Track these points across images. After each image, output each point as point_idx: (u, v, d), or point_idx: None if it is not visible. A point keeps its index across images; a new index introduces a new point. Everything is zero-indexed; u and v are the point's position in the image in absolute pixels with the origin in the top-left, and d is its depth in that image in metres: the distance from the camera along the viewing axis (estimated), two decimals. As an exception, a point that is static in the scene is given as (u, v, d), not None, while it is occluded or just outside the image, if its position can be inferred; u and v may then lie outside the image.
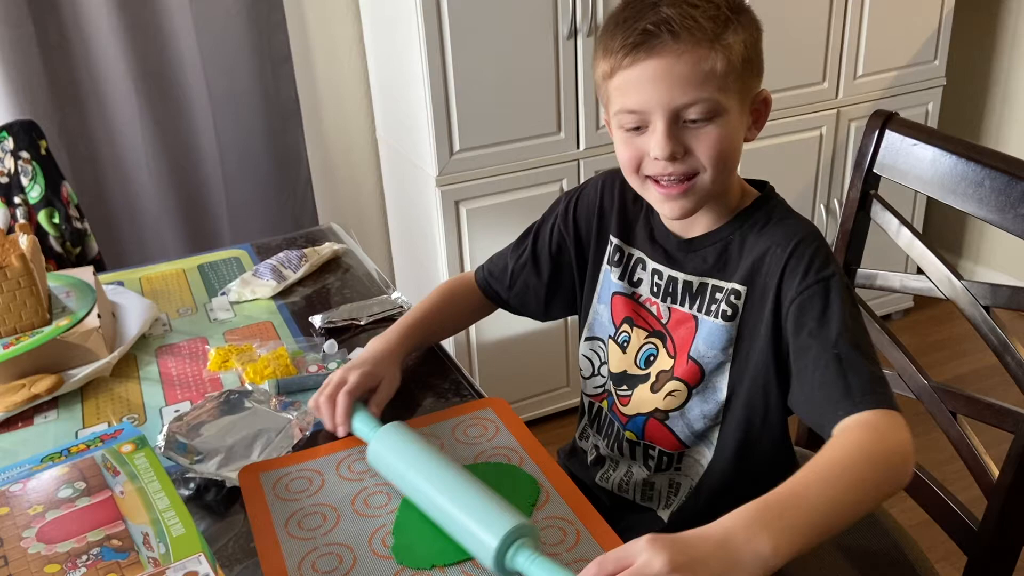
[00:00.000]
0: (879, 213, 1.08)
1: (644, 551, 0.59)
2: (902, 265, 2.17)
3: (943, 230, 2.64)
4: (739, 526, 0.62)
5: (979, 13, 2.38)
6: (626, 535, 0.71)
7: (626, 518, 0.94)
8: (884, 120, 1.05)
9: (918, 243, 1.03)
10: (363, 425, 0.86)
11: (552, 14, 1.73)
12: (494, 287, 1.05)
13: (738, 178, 0.88)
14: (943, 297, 0.99)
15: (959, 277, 0.97)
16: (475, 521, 0.70)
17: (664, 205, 0.83)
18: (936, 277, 1.00)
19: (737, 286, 0.84)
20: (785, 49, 1.99)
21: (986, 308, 0.94)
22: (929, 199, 2.31)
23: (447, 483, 0.74)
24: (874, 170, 1.07)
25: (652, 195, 0.84)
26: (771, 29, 1.90)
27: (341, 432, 0.88)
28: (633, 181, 0.85)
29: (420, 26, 1.65)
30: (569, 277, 1.00)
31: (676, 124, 0.78)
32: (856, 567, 1.04)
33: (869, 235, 1.12)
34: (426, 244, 1.93)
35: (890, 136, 1.05)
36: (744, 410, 0.86)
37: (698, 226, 0.87)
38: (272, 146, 2.03)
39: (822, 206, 2.19)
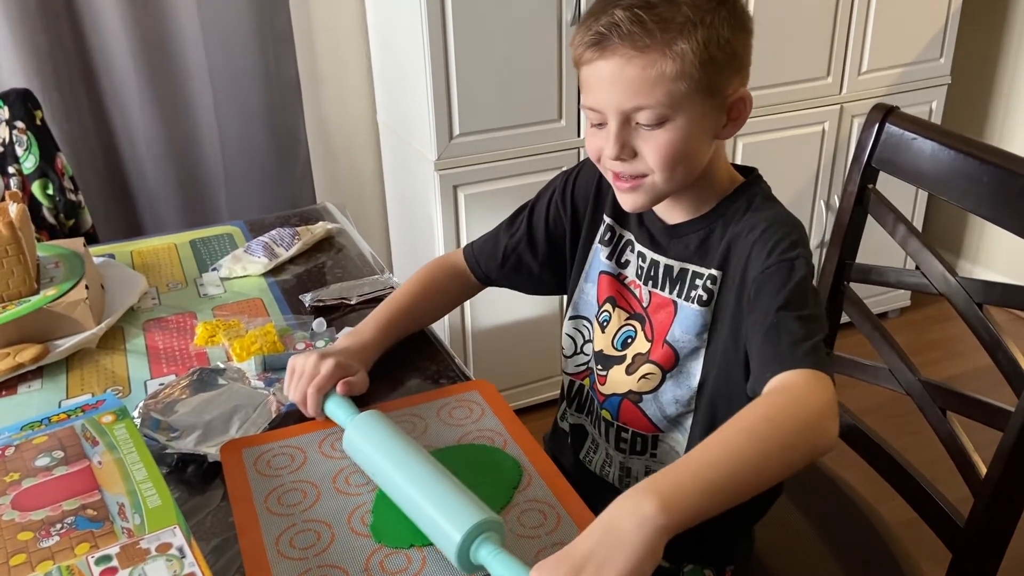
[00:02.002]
0: (876, 208, 1.07)
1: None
2: (899, 263, 2.16)
3: (943, 230, 2.63)
4: (622, 500, 0.61)
5: (986, 12, 2.36)
6: None
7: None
8: (884, 114, 1.04)
9: (914, 239, 1.02)
10: (339, 410, 0.85)
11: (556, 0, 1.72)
12: (484, 266, 1.04)
13: (726, 165, 0.88)
14: (937, 293, 0.98)
15: (954, 273, 0.96)
16: (441, 514, 0.68)
17: (619, 196, 0.86)
18: (931, 273, 0.99)
19: (714, 272, 0.85)
20: (790, 43, 1.97)
21: (979, 305, 0.93)
22: (930, 199, 2.30)
23: (418, 475, 0.73)
24: (872, 164, 1.06)
25: (612, 184, 0.86)
26: (776, 23, 1.92)
27: (313, 413, 0.87)
28: (600, 169, 0.87)
29: (423, 8, 1.64)
30: (562, 255, 1.00)
31: (628, 125, 0.80)
32: (841, 563, 1.04)
33: (867, 232, 1.11)
34: (424, 228, 1.92)
35: (890, 130, 1.04)
36: (714, 397, 0.86)
37: (682, 212, 0.87)
38: (271, 125, 2.02)
39: (822, 202, 2.18)
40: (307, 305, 1.12)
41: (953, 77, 2.21)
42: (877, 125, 1.04)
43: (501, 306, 1.94)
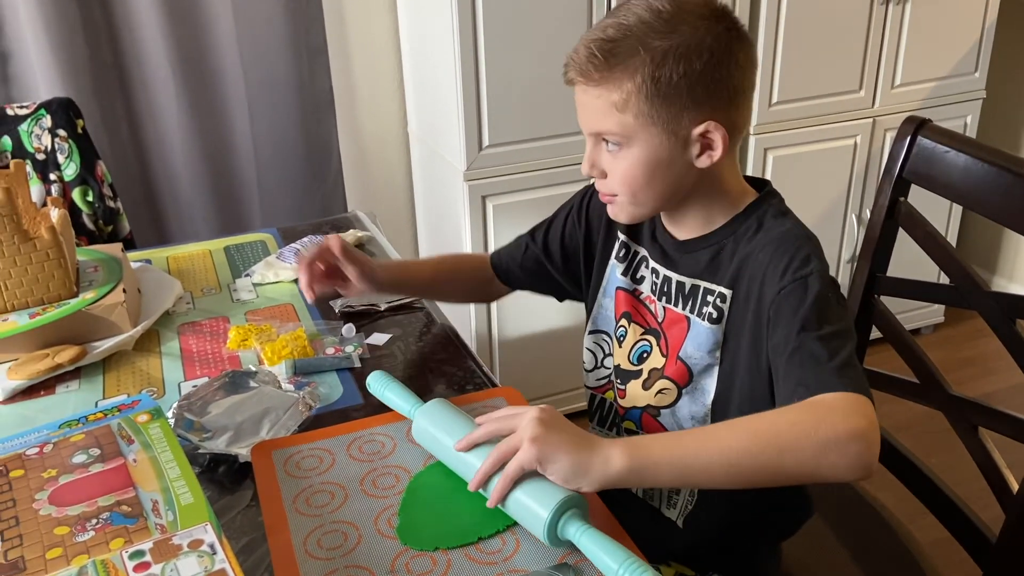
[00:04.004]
0: (908, 221, 1.07)
1: (527, 412, 0.71)
2: (932, 278, 2.13)
3: (977, 246, 2.59)
4: (604, 445, 0.70)
5: (1022, 26, 2.33)
6: (638, 538, 0.72)
7: (641, 523, 0.94)
8: (917, 126, 1.04)
9: (947, 252, 1.01)
10: (402, 400, 0.86)
11: (586, 12, 1.73)
12: (508, 270, 1.08)
13: (737, 180, 0.88)
14: (971, 308, 0.97)
15: (986, 287, 0.95)
16: (525, 493, 0.71)
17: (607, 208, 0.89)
18: (964, 287, 0.98)
19: (724, 289, 0.85)
20: (822, 56, 1.96)
21: (1014, 321, 0.91)
22: (964, 214, 2.27)
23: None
24: (904, 176, 1.05)
25: None
26: (808, 36, 1.91)
27: (308, 294, 0.98)
28: None
29: (455, 21, 1.66)
30: (576, 266, 1.02)
31: (599, 147, 0.84)
32: (869, 579, 1.03)
33: (899, 246, 1.10)
34: (452, 237, 1.94)
35: (922, 143, 1.03)
36: (733, 415, 0.85)
37: (693, 228, 0.88)
38: (305, 136, 2.05)
39: (854, 216, 2.16)
40: (337, 311, 1.13)
41: (988, 91, 2.18)
42: (909, 138, 1.04)
43: (528, 317, 1.94)
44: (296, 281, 1.22)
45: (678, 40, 0.77)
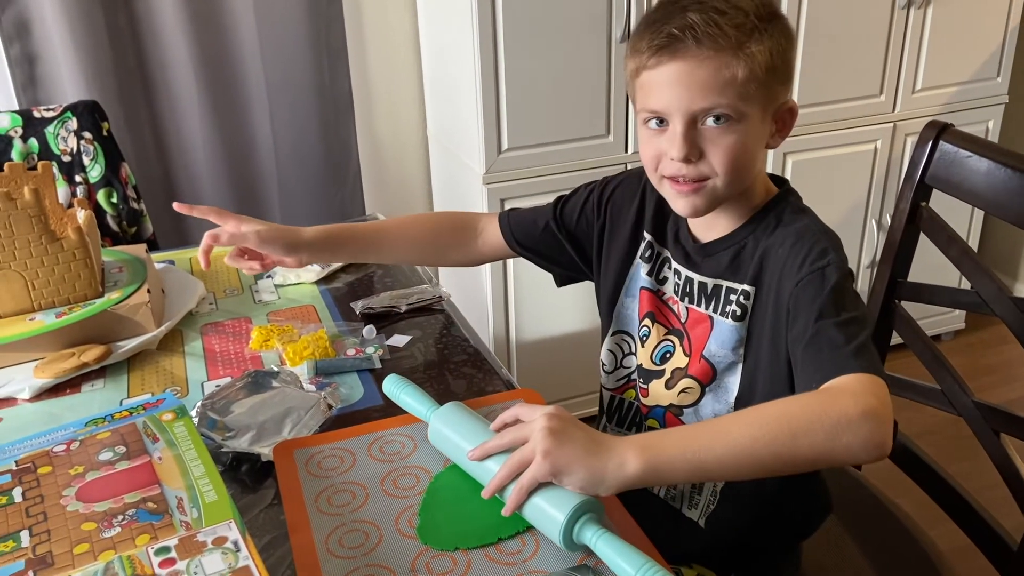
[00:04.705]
0: (929, 226, 1.06)
1: (537, 421, 0.70)
2: (952, 284, 2.12)
3: (999, 251, 2.57)
4: (619, 445, 0.69)
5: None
6: (658, 539, 0.72)
7: (662, 524, 0.94)
8: (938, 131, 1.03)
9: (969, 258, 1.00)
10: (418, 404, 0.87)
11: (606, 16, 1.73)
12: (518, 234, 1.06)
13: (763, 179, 0.88)
14: (992, 313, 0.96)
15: (1009, 293, 0.94)
16: (541, 498, 0.71)
17: (677, 201, 0.85)
18: (986, 293, 0.97)
19: (747, 287, 0.85)
20: (843, 61, 1.95)
21: (1036, 326, 0.91)
22: (986, 219, 2.25)
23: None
24: (926, 181, 1.05)
25: (667, 191, 0.86)
26: (829, 40, 1.90)
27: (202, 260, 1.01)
28: (652, 177, 0.87)
29: (475, 24, 1.67)
30: (585, 252, 1.02)
31: (694, 127, 0.80)
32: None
33: (920, 252, 1.10)
34: (469, 241, 1.94)
35: (944, 147, 1.03)
36: None
37: (717, 229, 0.88)
38: (324, 138, 2.07)
39: (874, 221, 2.15)
40: (358, 312, 1.14)
41: (1010, 96, 2.16)
42: (931, 142, 1.03)
43: (546, 319, 1.95)
44: (317, 283, 1.24)
45: (776, 13, 0.80)
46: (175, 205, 1.03)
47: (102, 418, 0.83)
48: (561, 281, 1.10)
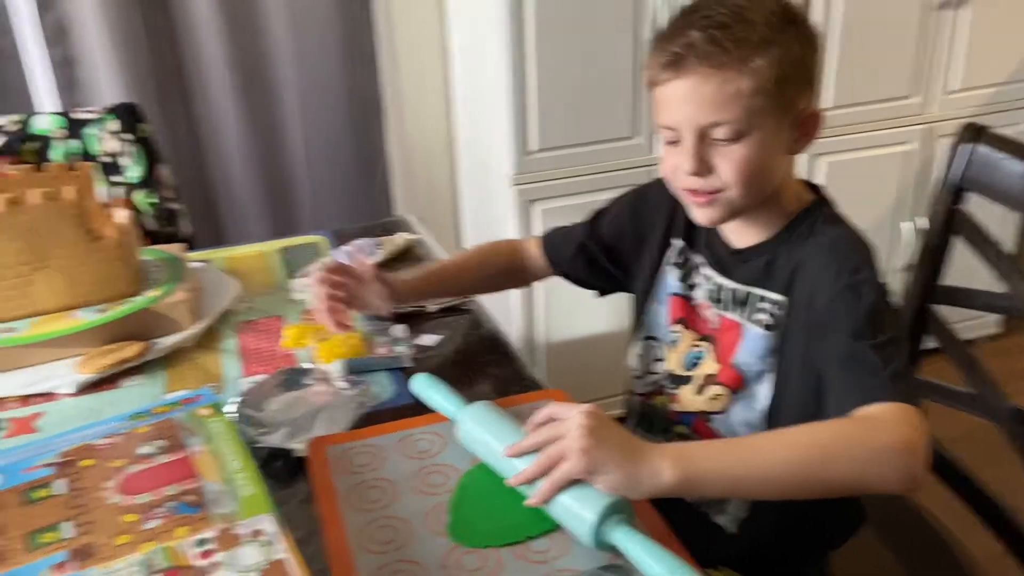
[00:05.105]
0: (965, 229, 1.05)
1: (574, 419, 0.70)
2: (986, 287, 2.08)
3: (1037, 256, 2.52)
4: (654, 452, 0.69)
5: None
6: (689, 547, 0.72)
7: (689, 529, 0.94)
8: (974, 133, 1.02)
9: (1004, 261, 0.99)
10: (447, 402, 0.88)
11: (633, 17, 1.73)
12: (557, 255, 1.08)
13: (795, 184, 0.88)
14: (1029, 317, 0.95)
15: (1047, 297, 0.93)
16: (571, 497, 0.71)
17: (694, 212, 0.86)
18: (1022, 296, 0.96)
19: (779, 297, 0.85)
20: (875, 61, 1.93)
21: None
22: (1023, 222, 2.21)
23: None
24: (961, 184, 1.04)
25: (686, 202, 0.87)
26: (861, 40, 1.89)
27: (330, 323, 0.97)
28: (672, 188, 0.88)
29: (503, 26, 1.68)
30: (625, 260, 1.03)
31: (703, 141, 0.81)
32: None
33: (956, 255, 1.08)
34: (498, 242, 1.95)
35: (980, 150, 1.01)
36: (790, 422, 0.85)
37: (750, 236, 0.88)
38: (354, 140, 2.09)
39: (906, 224, 2.12)
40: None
41: (1050, 97, 2.13)
42: (967, 145, 1.02)
43: (573, 320, 1.95)
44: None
45: (785, 19, 0.79)
46: (329, 322, 1.00)
47: (142, 413, 0.85)
48: (602, 294, 1.11)
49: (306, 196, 2.09)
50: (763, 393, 0.86)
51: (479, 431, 0.82)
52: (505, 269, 1.11)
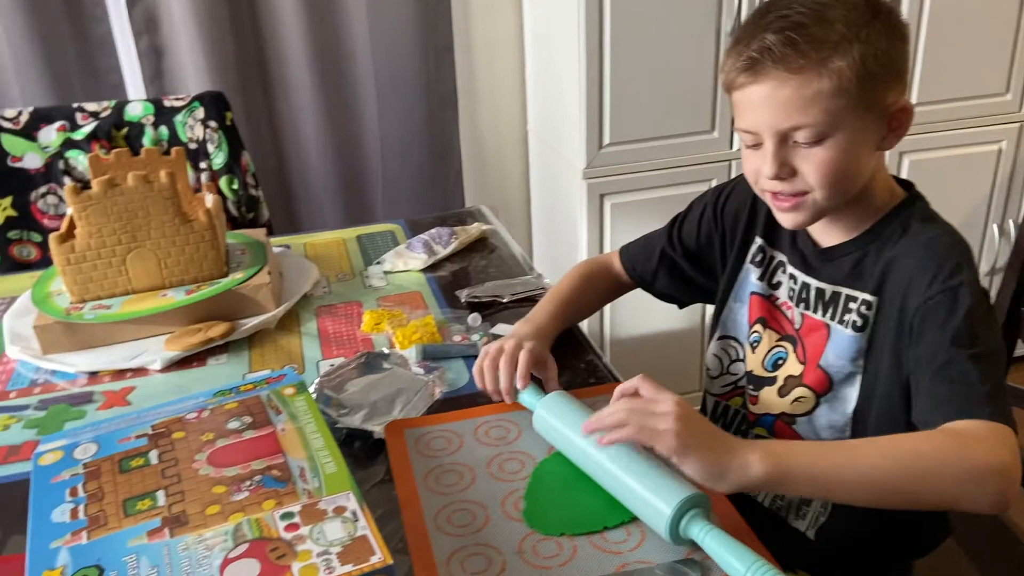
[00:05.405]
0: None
1: (668, 399, 0.71)
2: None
3: None
4: (743, 445, 0.69)
5: None
6: (768, 548, 0.71)
7: (765, 532, 0.93)
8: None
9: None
10: (525, 392, 0.89)
11: (716, 8, 1.70)
12: (639, 269, 1.07)
13: (884, 180, 0.85)
14: None
15: None
16: (648, 489, 0.71)
17: (780, 215, 0.84)
18: None
19: (869, 297, 0.82)
20: (965, 56, 1.86)
21: None
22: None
23: (616, 451, 0.75)
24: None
25: (770, 204, 0.85)
26: (950, 34, 1.82)
27: (508, 399, 0.89)
28: (756, 190, 0.86)
29: (581, 19, 1.67)
30: (710, 264, 1.01)
31: (785, 145, 0.79)
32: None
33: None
34: (568, 235, 1.95)
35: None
36: (875, 425, 0.83)
37: (836, 234, 0.86)
38: (428, 132, 2.11)
39: (995, 226, 2.03)
40: (463, 300, 1.17)
41: None
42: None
43: (640, 318, 1.93)
44: (423, 271, 1.27)
45: (869, 12, 0.76)
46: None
47: (229, 390, 0.88)
48: (681, 306, 1.10)
49: (379, 186, 2.12)
50: (850, 396, 0.84)
51: (554, 420, 0.82)
52: (606, 290, 1.11)
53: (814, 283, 0.87)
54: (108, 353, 1.07)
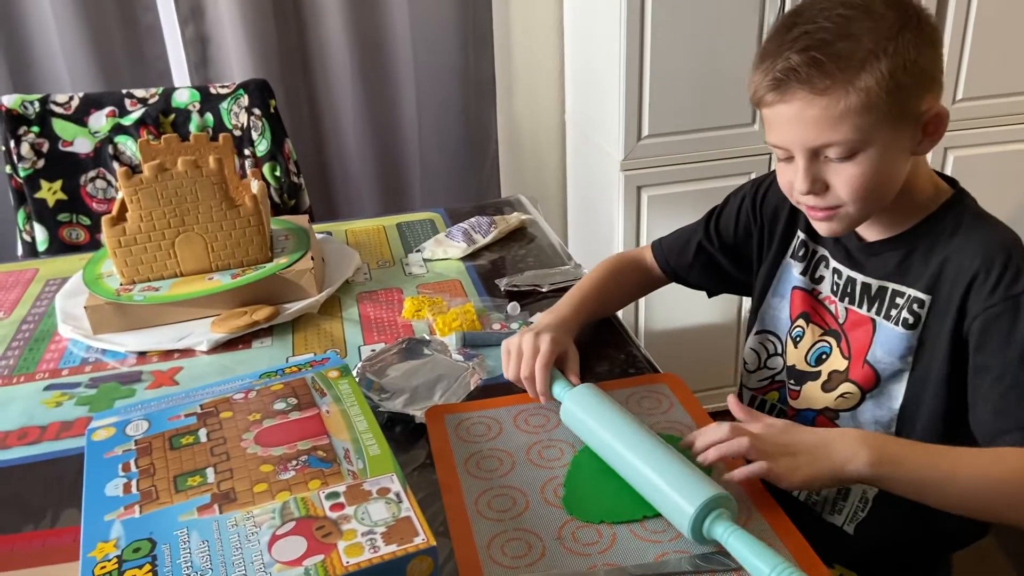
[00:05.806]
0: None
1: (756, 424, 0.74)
2: None
3: None
4: (848, 436, 0.71)
5: None
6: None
7: (800, 527, 0.93)
8: None
9: None
10: (554, 385, 0.89)
11: (759, 6, 1.69)
12: (672, 263, 1.07)
13: (928, 176, 0.84)
14: None
15: None
16: (672, 487, 0.71)
17: (816, 225, 0.84)
18: None
19: (920, 294, 0.81)
20: (1011, 51, 1.82)
21: None
22: None
23: (642, 447, 0.76)
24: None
25: (806, 213, 0.85)
26: (996, 28, 1.78)
27: (544, 400, 0.89)
28: (791, 200, 0.86)
29: (623, 9, 1.66)
30: (747, 257, 1.01)
31: (816, 160, 0.78)
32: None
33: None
34: (604, 226, 1.95)
35: None
36: (923, 423, 0.82)
37: (881, 229, 0.85)
38: (466, 122, 2.12)
39: (1040, 224, 1.99)
40: (502, 289, 1.18)
41: None
42: None
43: (676, 311, 1.93)
44: (462, 260, 1.29)
45: (898, 23, 0.74)
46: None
47: (274, 372, 0.89)
48: (710, 295, 1.10)
49: (416, 174, 2.14)
50: (897, 393, 0.84)
51: (581, 414, 0.83)
52: (636, 284, 1.11)
53: (860, 278, 0.87)
54: (156, 334, 1.10)
